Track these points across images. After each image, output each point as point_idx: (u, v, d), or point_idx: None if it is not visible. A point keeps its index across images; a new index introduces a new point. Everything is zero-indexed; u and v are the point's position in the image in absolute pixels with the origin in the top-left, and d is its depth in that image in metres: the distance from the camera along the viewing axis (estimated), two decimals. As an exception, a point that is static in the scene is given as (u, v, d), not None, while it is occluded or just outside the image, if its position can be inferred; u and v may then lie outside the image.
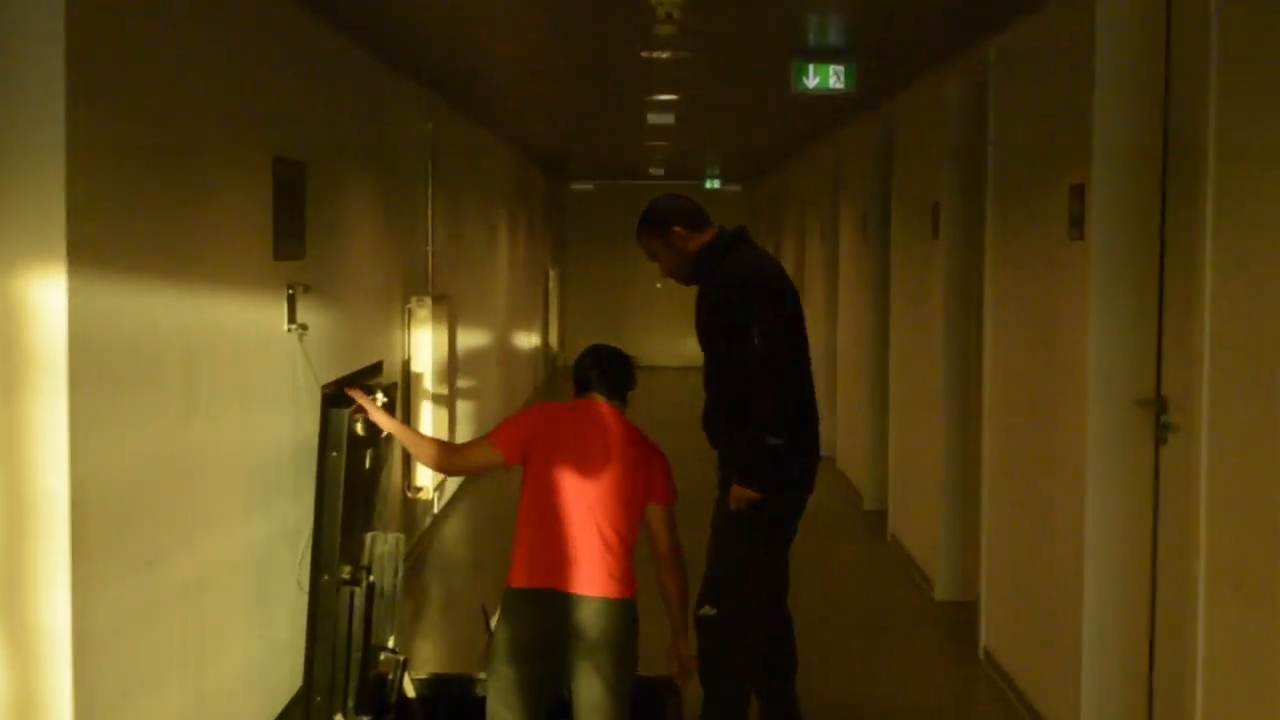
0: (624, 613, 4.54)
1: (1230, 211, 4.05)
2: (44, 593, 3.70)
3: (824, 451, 12.61)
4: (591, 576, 4.51)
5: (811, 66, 7.17)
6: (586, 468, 4.61)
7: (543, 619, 4.53)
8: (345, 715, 5.36)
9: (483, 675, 5.85)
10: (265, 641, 5.47)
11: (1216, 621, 4.11)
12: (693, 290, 5.39)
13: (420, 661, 6.57)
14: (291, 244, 5.73)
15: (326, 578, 5.29)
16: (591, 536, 4.53)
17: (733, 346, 5.04)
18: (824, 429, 12.95)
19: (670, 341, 19.72)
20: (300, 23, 6.01)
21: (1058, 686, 5.53)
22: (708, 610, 5.12)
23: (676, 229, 5.27)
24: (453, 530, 9.79)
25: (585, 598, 4.50)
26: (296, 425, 5.72)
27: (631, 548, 4.60)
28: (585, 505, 4.57)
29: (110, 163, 3.98)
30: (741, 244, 5.29)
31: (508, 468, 4.72)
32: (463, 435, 10.77)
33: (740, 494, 5.09)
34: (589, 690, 4.54)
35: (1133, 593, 5.18)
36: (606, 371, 4.81)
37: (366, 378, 6.04)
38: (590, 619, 4.50)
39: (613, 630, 4.53)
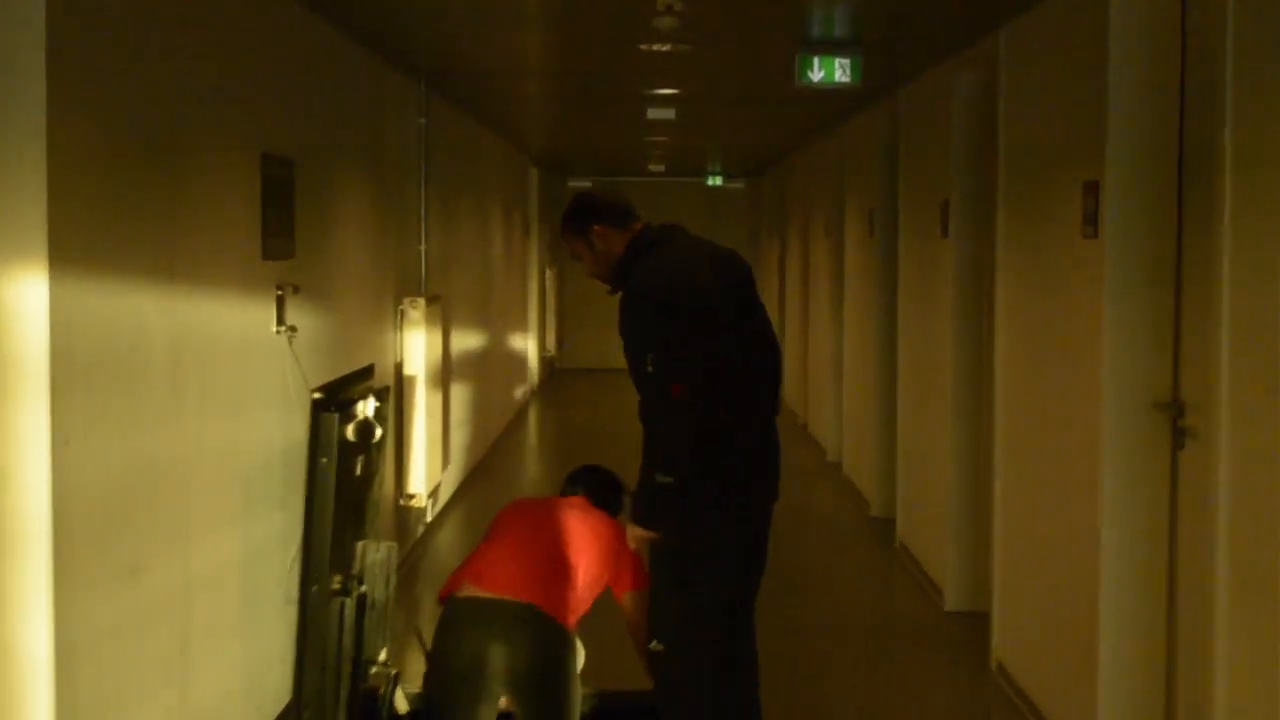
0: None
1: (1250, 207, 4.06)
2: (24, 601, 3.70)
3: (831, 457, 12.78)
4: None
5: (816, 59, 7.16)
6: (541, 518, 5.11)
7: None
8: (336, 730, 5.36)
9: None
10: (253, 653, 5.46)
11: (1238, 632, 4.11)
12: None
13: (413, 676, 6.55)
14: (280, 243, 5.72)
15: (316, 588, 5.29)
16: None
17: (636, 368, 4.74)
18: (829, 433, 13.06)
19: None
20: (289, 14, 6.01)
21: (1073, 700, 5.53)
22: (656, 645, 4.95)
23: (597, 227, 4.97)
24: (447, 539, 9.78)
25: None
26: (286, 430, 5.72)
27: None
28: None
29: (92, 160, 3.98)
30: (661, 245, 4.93)
31: None
32: (456, 441, 10.78)
33: (634, 533, 4.89)
34: None
35: (1150, 602, 5.17)
36: (594, 485, 5.27)
37: (358, 381, 6.05)
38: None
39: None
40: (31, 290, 3.65)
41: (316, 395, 5.41)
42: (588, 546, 5.00)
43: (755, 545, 5.03)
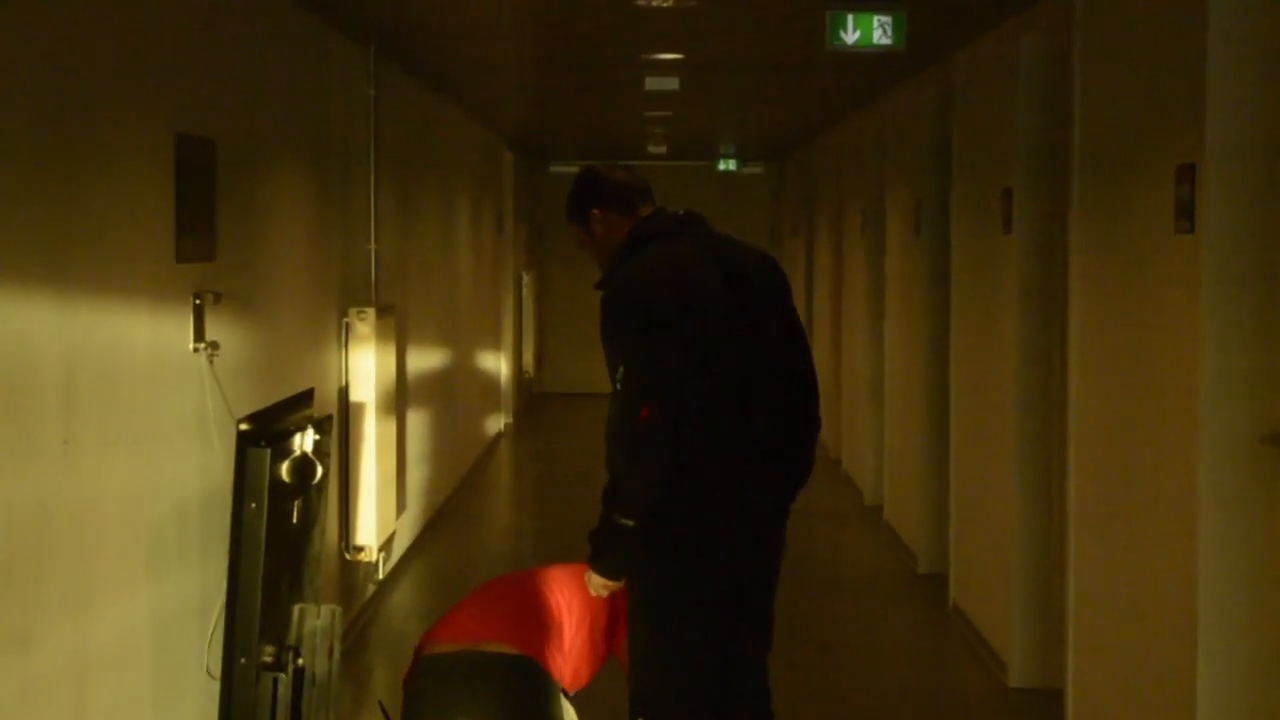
0: None
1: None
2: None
3: (870, 500, 12.80)
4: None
5: (851, 17, 7.19)
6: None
7: None
8: (267, 836, 5.35)
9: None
10: (166, 742, 5.46)
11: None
12: None
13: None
14: (199, 242, 5.73)
15: (244, 661, 5.29)
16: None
17: (611, 380, 4.86)
18: (866, 472, 13.10)
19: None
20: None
21: (1164, 796, 5.52)
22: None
23: (596, 211, 5.11)
24: (402, 599, 9.79)
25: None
26: (205, 469, 5.72)
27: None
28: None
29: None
30: (654, 239, 5.03)
31: None
32: (414, 481, 10.77)
33: (594, 581, 5.00)
34: None
35: (1257, 675, 5.17)
36: None
37: (294, 409, 6.04)
38: None
39: None
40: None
41: (244, 426, 5.40)
42: (577, 600, 5.17)
43: (753, 600, 5.09)
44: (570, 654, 5.16)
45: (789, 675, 7.84)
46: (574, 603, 5.18)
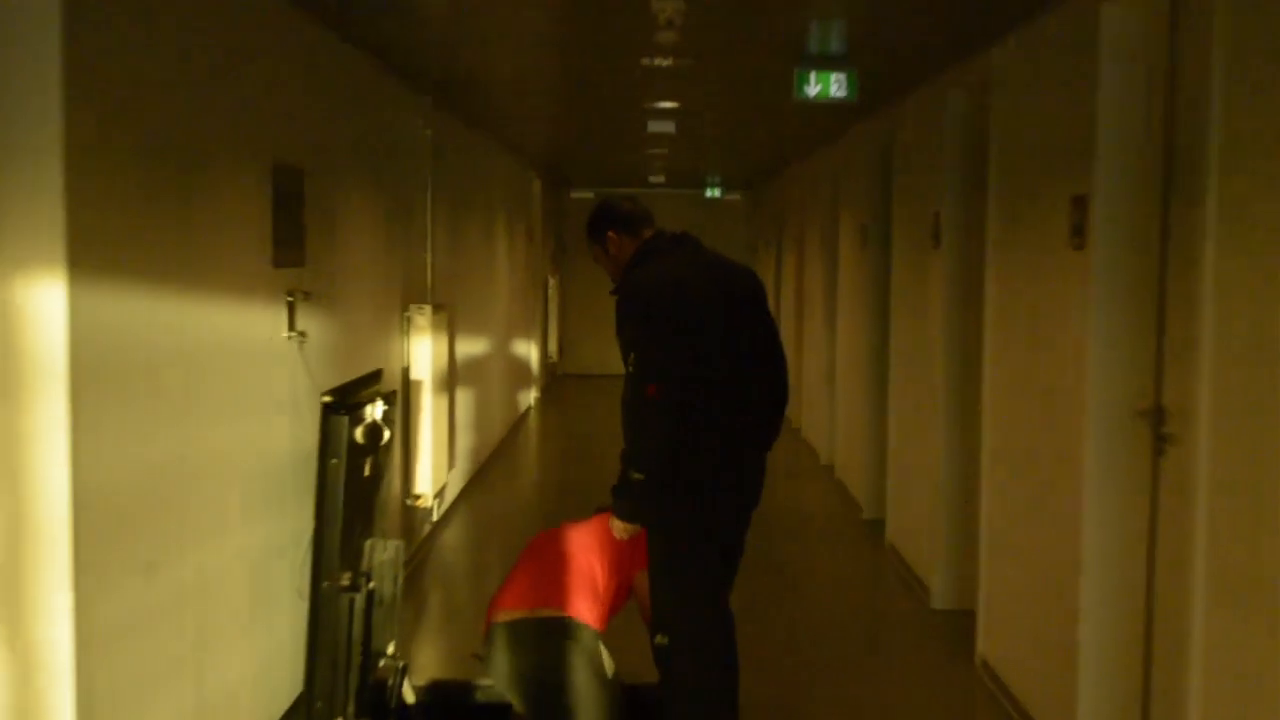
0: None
1: (1233, 222, 4.07)
2: (45, 598, 3.72)
3: (824, 460, 12.77)
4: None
5: (813, 74, 7.17)
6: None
7: None
8: (345, 718, 5.37)
9: (481, 680, 5.93)
10: (265, 647, 5.47)
11: (1214, 633, 4.12)
12: None
13: (420, 667, 6.57)
14: (291, 251, 5.73)
15: (326, 584, 5.30)
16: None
17: (625, 364, 4.90)
18: (821, 437, 13.05)
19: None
20: (300, 27, 6.02)
21: (1054, 695, 5.53)
22: (661, 639, 5.12)
23: (611, 233, 5.18)
24: (452, 537, 9.79)
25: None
26: (296, 432, 5.73)
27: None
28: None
29: (109, 170, 3.99)
30: (657, 254, 5.09)
31: None
32: (461, 444, 10.78)
33: (616, 526, 5.15)
34: None
35: (1130, 603, 5.18)
36: None
37: (366, 385, 6.05)
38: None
39: None
40: (50, 296, 3.66)
41: (326, 399, 5.41)
42: (602, 549, 5.34)
43: (733, 545, 5.18)
44: (604, 599, 5.33)
45: (758, 600, 7.87)
46: (603, 559, 5.32)
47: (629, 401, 4.86)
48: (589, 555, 5.34)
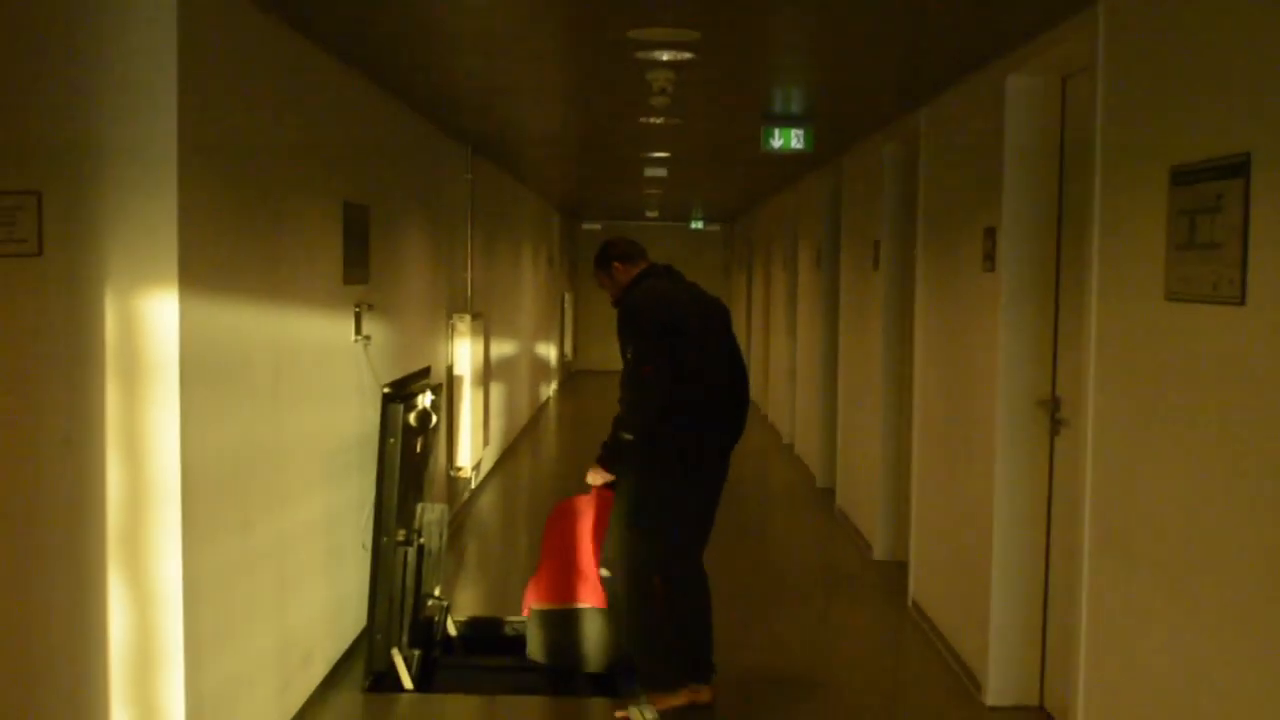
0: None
1: (1110, 248, 4.08)
2: (161, 550, 3.73)
3: (786, 440, 12.73)
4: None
5: (777, 130, 7.17)
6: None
7: None
8: (400, 649, 5.38)
9: (509, 618, 5.96)
10: (336, 590, 5.49)
11: (1097, 575, 4.13)
12: None
13: (459, 606, 6.58)
14: (358, 271, 5.74)
15: (385, 540, 5.31)
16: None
17: (623, 357, 5.02)
18: (784, 421, 13.01)
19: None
20: (365, 90, 6.03)
21: (971, 630, 5.54)
22: (604, 573, 5.31)
23: (616, 264, 5.29)
24: (486, 502, 9.80)
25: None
26: (361, 417, 5.73)
27: None
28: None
29: (213, 206, 4.00)
30: (651, 278, 5.20)
31: None
32: (494, 426, 10.78)
33: (594, 470, 5.15)
34: None
35: (1031, 555, 5.20)
36: None
37: (417, 379, 6.06)
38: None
39: None
40: (165, 306, 3.68)
41: (386, 390, 5.43)
42: (599, 532, 5.46)
43: (705, 510, 5.18)
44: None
45: (728, 553, 7.88)
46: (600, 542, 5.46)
47: (626, 382, 4.95)
48: (593, 543, 5.44)
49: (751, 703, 5.28)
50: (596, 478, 5.16)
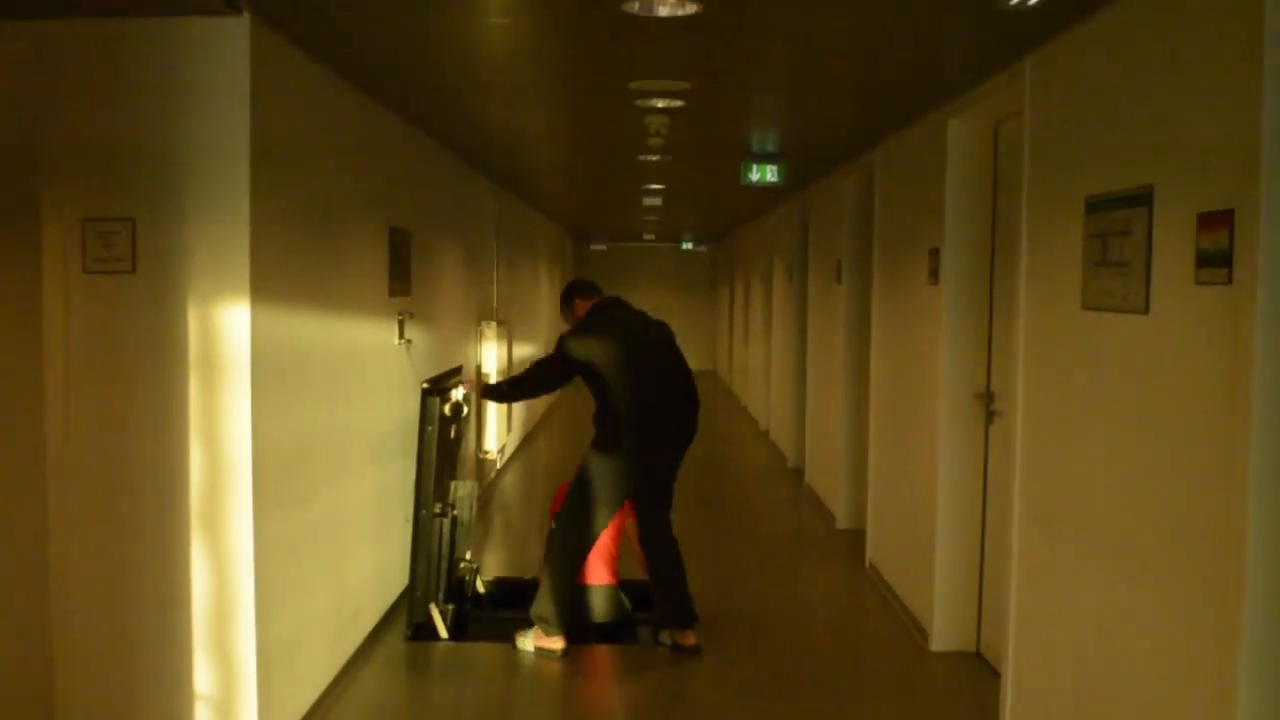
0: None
1: (1036, 264, 4.09)
2: (235, 521, 3.73)
3: (761, 426, 12.70)
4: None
5: (755, 165, 7.17)
6: None
7: None
8: (437, 604, 5.38)
9: (529, 577, 5.94)
10: (382, 555, 5.48)
11: (1025, 543, 4.14)
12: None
13: (487, 568, 6.58)
14: (401, 285, 5.73)
15: (425, 512, 5.32)
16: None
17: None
18: (760, 411, 12.97)
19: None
20: (408, 134, 6.02)
21: (918, 588, 5.55)
22: (551, 525, 5.32)
23: (577, 300, 5.37)
24: (510, 480, 9.79)
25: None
26: (403, 408, 5.73)
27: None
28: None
29: (279, 228, 3.99)
30: (599, 311, 5.26)
31: None
32: (516, 416, 10.76)
33: (468, 384, 5.65)
34: None
35: (969, 525, 5.20)
36: None
37: (451, 376, 6.06)
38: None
39: None
40: (239, 315, 3.68)
41: (424, 385, 5.43)
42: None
43: (653, 489, 5.20)
44: (612, 553, 5.51)
45: (713, 521, 7.88)
46: (611, 526, 5.44)
47: (537, 364, 5.17)
48: (555, 505, 5.47)
49: (731, 643, 5.29)
50: (467, 388, 5.65)
